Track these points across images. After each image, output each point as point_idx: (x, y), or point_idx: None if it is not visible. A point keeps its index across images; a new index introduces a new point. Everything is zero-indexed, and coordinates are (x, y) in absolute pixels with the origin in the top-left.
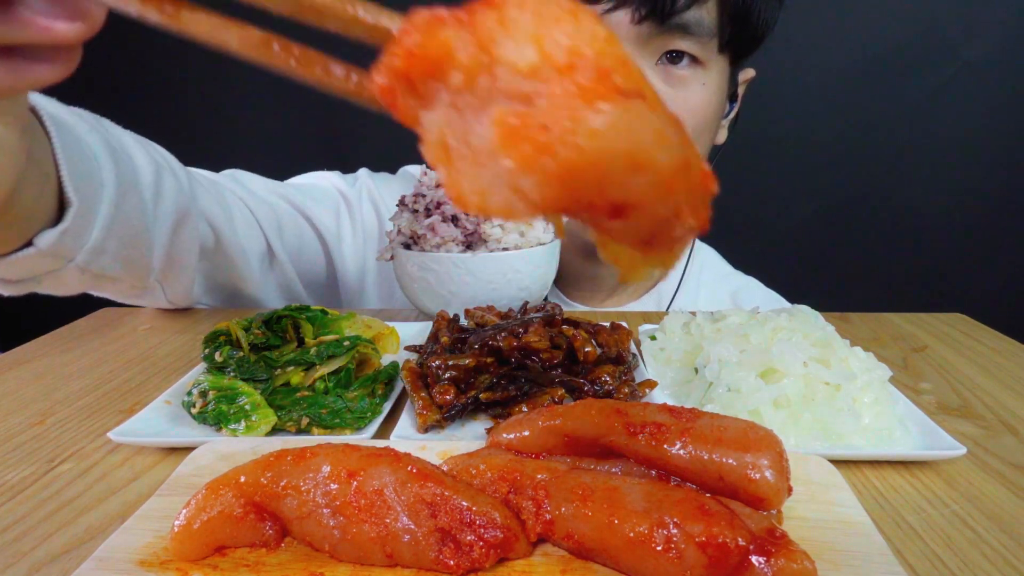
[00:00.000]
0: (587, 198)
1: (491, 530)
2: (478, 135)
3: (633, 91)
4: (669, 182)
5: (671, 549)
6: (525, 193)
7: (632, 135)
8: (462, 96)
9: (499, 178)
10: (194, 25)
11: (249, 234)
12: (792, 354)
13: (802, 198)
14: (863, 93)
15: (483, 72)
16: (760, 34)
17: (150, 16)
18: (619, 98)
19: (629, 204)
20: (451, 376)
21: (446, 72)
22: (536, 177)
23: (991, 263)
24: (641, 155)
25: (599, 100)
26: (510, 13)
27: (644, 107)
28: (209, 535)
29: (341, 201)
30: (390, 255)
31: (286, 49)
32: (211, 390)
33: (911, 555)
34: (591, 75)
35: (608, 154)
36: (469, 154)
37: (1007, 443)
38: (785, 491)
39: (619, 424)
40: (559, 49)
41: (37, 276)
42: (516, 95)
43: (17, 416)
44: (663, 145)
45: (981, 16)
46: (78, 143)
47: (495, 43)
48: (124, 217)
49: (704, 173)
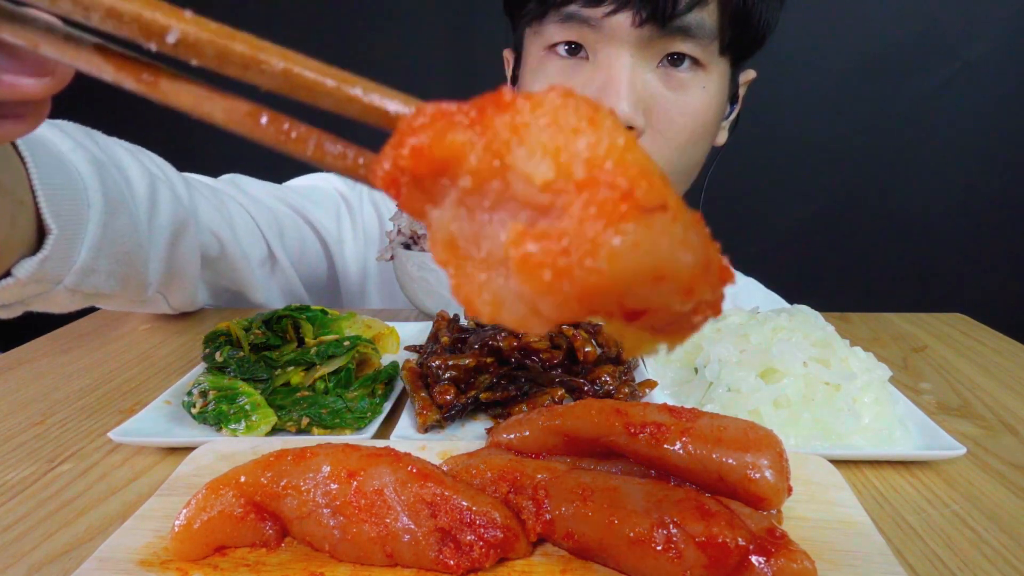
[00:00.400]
0: (606, 310)
1: (491, 530)
2: (490, 238)
3: (656, 205)
4: (690, 286)
5: (671, 549)
6: (541, 312)
7: (655, 251)
8: (471, 196)
9: (513, 292)
10: (175, 95)
11: (250, 240)
12: (792, 354)
13: (802, 198)
14: (863, 93)
15: (495, 177)
16: (761, 36)
17: (126, 84)
18: (642, 216)
19: (649, 309)
20: (451, 376)
21: (455, 173)
22: (555, 299)
23: (991, 263)
24: (663, 267)
25: (622, 221)
26: (525, 119)
27: (667, 219)
28: (209, 535)
29: (341, 203)
30: (390, 255)
31: (275, 122)
32: (211, 390)
33: (911, 555)
34: (613, 193)
35: (630, 273)
36: (480, 258)
37: (1007, 443)
38: (785, 491)
39: (619, 424)
40: (578, 162)
41: (24, 299)
42: (531, 204)
43: (17, 416)
44: (685, 252)
45: (981, 16)
46: (60, 164)
47: (509, 151)
48: (115, 235)
49: (723, 268)
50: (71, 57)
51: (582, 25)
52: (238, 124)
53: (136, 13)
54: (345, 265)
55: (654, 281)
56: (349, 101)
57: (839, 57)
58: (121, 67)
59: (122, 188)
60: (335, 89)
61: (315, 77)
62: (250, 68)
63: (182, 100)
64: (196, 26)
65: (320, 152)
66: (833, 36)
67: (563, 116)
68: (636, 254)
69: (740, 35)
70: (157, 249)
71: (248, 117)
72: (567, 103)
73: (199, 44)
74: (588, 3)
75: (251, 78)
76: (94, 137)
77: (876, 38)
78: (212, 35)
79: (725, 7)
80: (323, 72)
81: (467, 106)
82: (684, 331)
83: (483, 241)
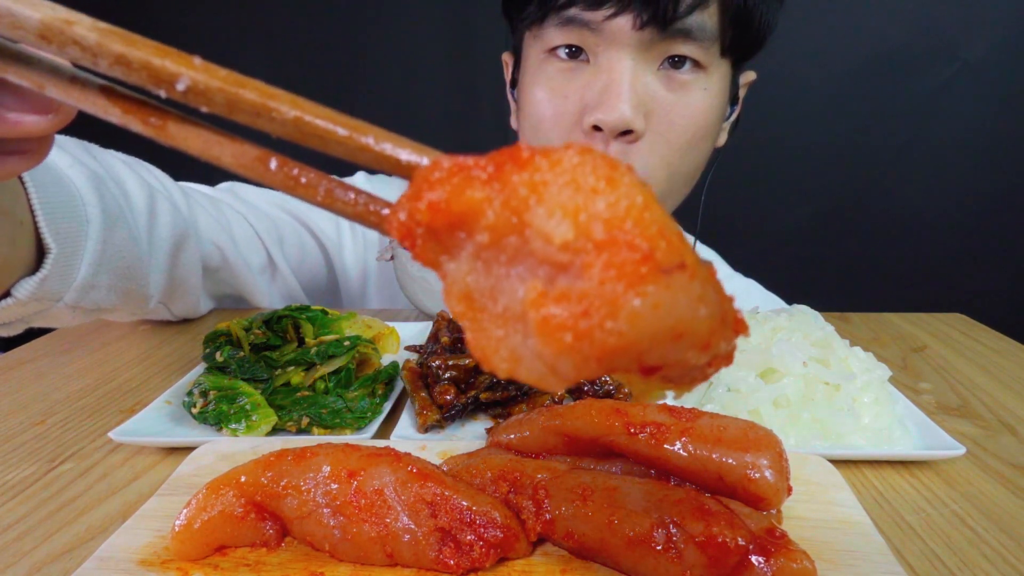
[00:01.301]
0: (624, 369)
1: (491, 530)
2: (507, 293)
3: (674, 264)
4: (706, 342)
5: (671, 549)
6: (559, 372)
7: (675, 310)
8: (488, 251)
9: (531, 350)
10: (183, 139)
11: (251, 249)
12: (792, 354)
13: (802, 198)
14: (863, 93)
15: (513, 233)
16: (762, 37)
17: (133, 126)
18: (662, 276)
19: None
20: (451, 376)
21: (472, 228)
22: (574, 360)
23: (991, 263)
24: (682, 325)
25: (642, 283)
26: (543, 177)
27: (685, 278)
28: (210, 535)
29: None
30: (390, 255)
31: (284, 166)
32: (211, 390)
33: (911, 555)
34: (633, 254)
35: (650, 333)
36: (496, 312)
37: (1006, 443)
38: (785, 491)
39: (619, 424)
40: (597, 223)
41: (25, 317)
42: (549, 261)
43: (18, 416)
44: (703, 308)
45: (981, 16)
46: (58, 181)
47: (527, 209)
48: (114, 249)
49: (737, 320)
50: (76, 99)
51: (582, 28)
52: (247, 169)
53: (145, 60)
54: (345, 269)
55: (673, 340)
56: (361, 150)
57: (839, 57)
58: (128, 110)
59: (120, 202)
60: (347, 138)
61: (327, 126)
62: (261, 116)
63: (190, 144)
64: (206, 74)
65: (330, 199)
66: (833, 36)
67: (582, 175)
68: (656, 315)
69: (741, 36)
70: (158, 262)
71: (257, 162)
72: (585, 161)
73: (209, 92)
74: (588, 6)
75: (261, 125)
76: (91, 151)
77: (876, 38)
78: (222, 83)
79: (726, 9)
80: (335, 121)
81: (484, 161)
82: (696, 381)
83: (500, 296)
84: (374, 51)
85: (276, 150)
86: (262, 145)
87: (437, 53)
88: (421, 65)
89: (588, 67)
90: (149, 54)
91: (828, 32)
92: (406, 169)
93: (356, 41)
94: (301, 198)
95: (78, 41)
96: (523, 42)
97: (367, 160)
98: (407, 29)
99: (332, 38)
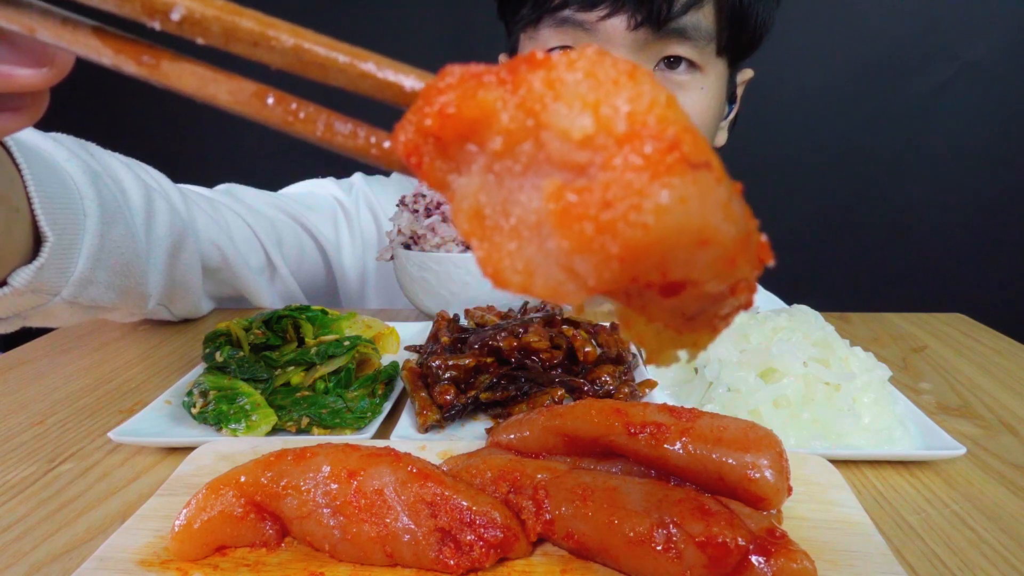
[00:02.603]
0: (646, 277)
1: (491, 530)
2: (521, 205)
3: (701, 162)
4: (733, 256)
5: (671, 549)
6: (579, 274)
7: (702, 209)
8: (501, 161)
9: (547, 256)
10: (177, 77)
11: (249, 250)
12: (792, 354)
13: (802, 198)
14: (863, 93)
15: (528, 138)
16: (758, 35)
17: (126, 67)
18: (688, 170)
19: (689, 281)
20: (451, 376)
21: (484, 135)
22: (595, 258)
23: (991, 263)
24: (708, 230)
25: (668, 174)
26: (560, 74)
27: (712, 178)
28: (209, 535)
29: (338, 208)
30: (390, 255)
31: (282, 103)
32: (211, 390)
33: (911, 555)
34: (659, 144)
35: (676, 231)
36: (509, 226)
37: (1007, 443)
38: (785, 491)
39: (619, 424)
40: (618, 116)
41: (22, 313)
42: (567, 164)
43: (18, 416)
44: (729, 218)
45: (981, 16)
46: (55, 173)
47: (544, 107)
48: (112, 245)
49: (762, 245)
50: (68, 41)
51: (577, 29)
52: (244, 105)
53: None
54: (343, 271)
55: (698, 244)
56: (362, 77)
57: (839, 57)
58: (120, 49)
59: (118, 199)
60: (348, 65)
61: (327, 53)
62: (259, 45)
63: (185, 82)
64: (202, 3)
65: (330, 132)
66: (833, 36)
67: (601, 70)
68: (683, 211)
69: (737, 35)
70: (156, 261)
71: (254, 98)
72: (604, 59)
73: (205, 21)
74: (582, 7)
75: (259, 56)
76: (89, 149)
77: (876, 38)
78: (219, 11)
79: (721, 8)
80: (335, 48)
81: (497, 67)
82: (712, 325)
83: (513, 208)
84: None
85: (274, 87)
86: (258, 80)
87: (437, 53)
88: (421, 64)
89: None
90: None
91: (828, 32)
92: (409, 96)
93: (356, 41)
94: (300, 135)
95: None
96: (518, 44)
97: (368, 88)
98: (407, 29)
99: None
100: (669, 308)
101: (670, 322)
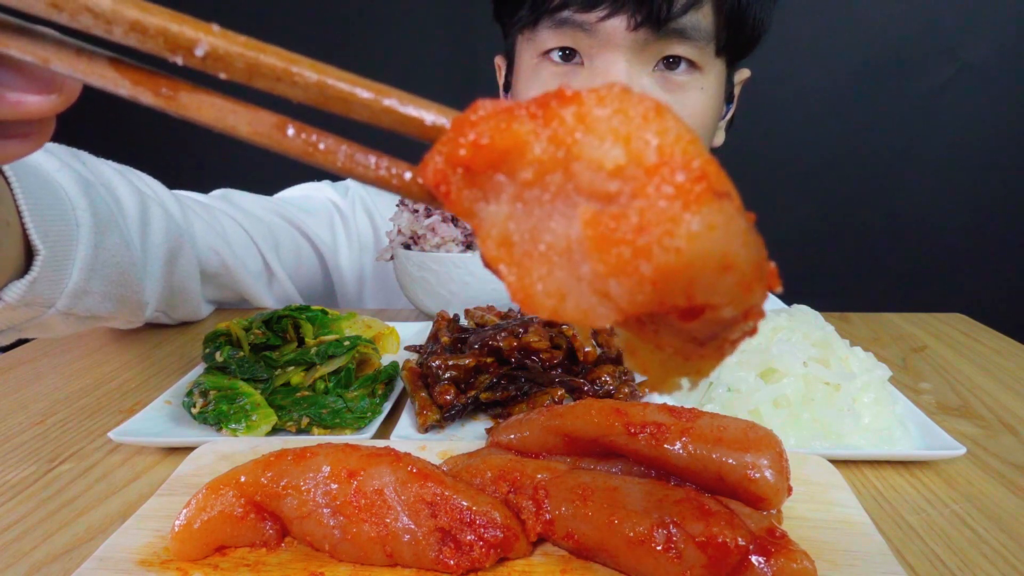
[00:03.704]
0: (672, 300)
1: (491, 530)
2: (551, 232)
3: (724, 192)
4: (750, 281)
5: (671, 549)
6: (612, 298)
7: (726, 236)
8: (530, 190)
9: (579, 280)
10: (196, 109)
11: (247, 255)
12: (792, 354)
13: (801, 198)
14: (862, 93)
15: (557, 168)
16: (756, 35)
17: (144, 98)
18: (715, 199)
19: (709, 305)
20: (451, 376)
21: (515, 166)
22: (630, 280)
23: (991, 263)
24: (731, 255)
25: (698, 203)
26: (591, 109)
27: (733, 207)
28: (209, 535)
29: (335, 212)
30: (390, 255)
31: (303, 134)
32: (211, 390)
33: (911, 555)
34: (688, 175)
35: (705, 255)
36: (539, 252)
37: (1006, 443)
38: (785, 491)
39: (619, 424)
40: (649, 148)
41: (16, 325)
42: (596, 193)
43: (18, 416)
44: (748, 244)
45: (981, 16)
46: (46, 184)
47: (576, 140)
48: (107, 255)
49: (772, 272)
50: (84, 72)
51: (576, 30)
52: (264, 137)
53: (162, 27)
54: (341, 274)
55: (722, 269)
56: (385, 112)
57: (839, 57)
58: (138, 81)
59: (111, 207)
60: (371, 101)
61: (350, 89)
62: (282, 80)
63: (204, 114)
64: (225, 39)
65: (350, 163)
66: (833, 36)
67: (630, 107)
68: (711, 237)
69: (736, 35)
70: (153, 269)
71: (274, 130)
72: (631, 96)
73: (229, 57)
74: (582, 8)
75: (282, 91)
76: (81, 157)
77: (876, 38)
78: (242, 48)
79: (720, 8)
80: (358, 83)
81: (527, 101)
82: (721, 350)
83: (542, 235)
84: (374, 51)
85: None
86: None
87: (437, 53)
88: (421, 66)
89: (582, 70)
90: (166, 20)
91: (828, 32)
92: (431, 131)
93: (356, 40)
94: (320, 165)
95: (91, 8)
96: (516, 45)
97: (390, 123)
98: (407, 29)
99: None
100: (685, 333)
101: (681, 348)
